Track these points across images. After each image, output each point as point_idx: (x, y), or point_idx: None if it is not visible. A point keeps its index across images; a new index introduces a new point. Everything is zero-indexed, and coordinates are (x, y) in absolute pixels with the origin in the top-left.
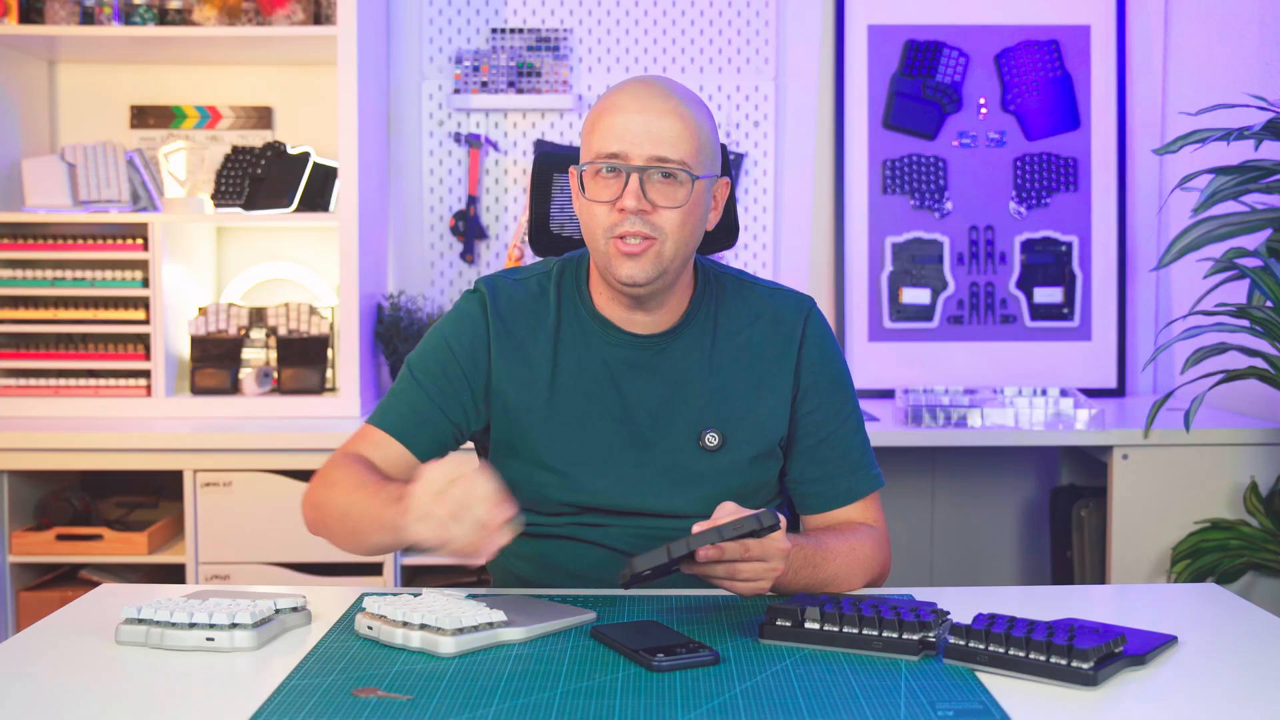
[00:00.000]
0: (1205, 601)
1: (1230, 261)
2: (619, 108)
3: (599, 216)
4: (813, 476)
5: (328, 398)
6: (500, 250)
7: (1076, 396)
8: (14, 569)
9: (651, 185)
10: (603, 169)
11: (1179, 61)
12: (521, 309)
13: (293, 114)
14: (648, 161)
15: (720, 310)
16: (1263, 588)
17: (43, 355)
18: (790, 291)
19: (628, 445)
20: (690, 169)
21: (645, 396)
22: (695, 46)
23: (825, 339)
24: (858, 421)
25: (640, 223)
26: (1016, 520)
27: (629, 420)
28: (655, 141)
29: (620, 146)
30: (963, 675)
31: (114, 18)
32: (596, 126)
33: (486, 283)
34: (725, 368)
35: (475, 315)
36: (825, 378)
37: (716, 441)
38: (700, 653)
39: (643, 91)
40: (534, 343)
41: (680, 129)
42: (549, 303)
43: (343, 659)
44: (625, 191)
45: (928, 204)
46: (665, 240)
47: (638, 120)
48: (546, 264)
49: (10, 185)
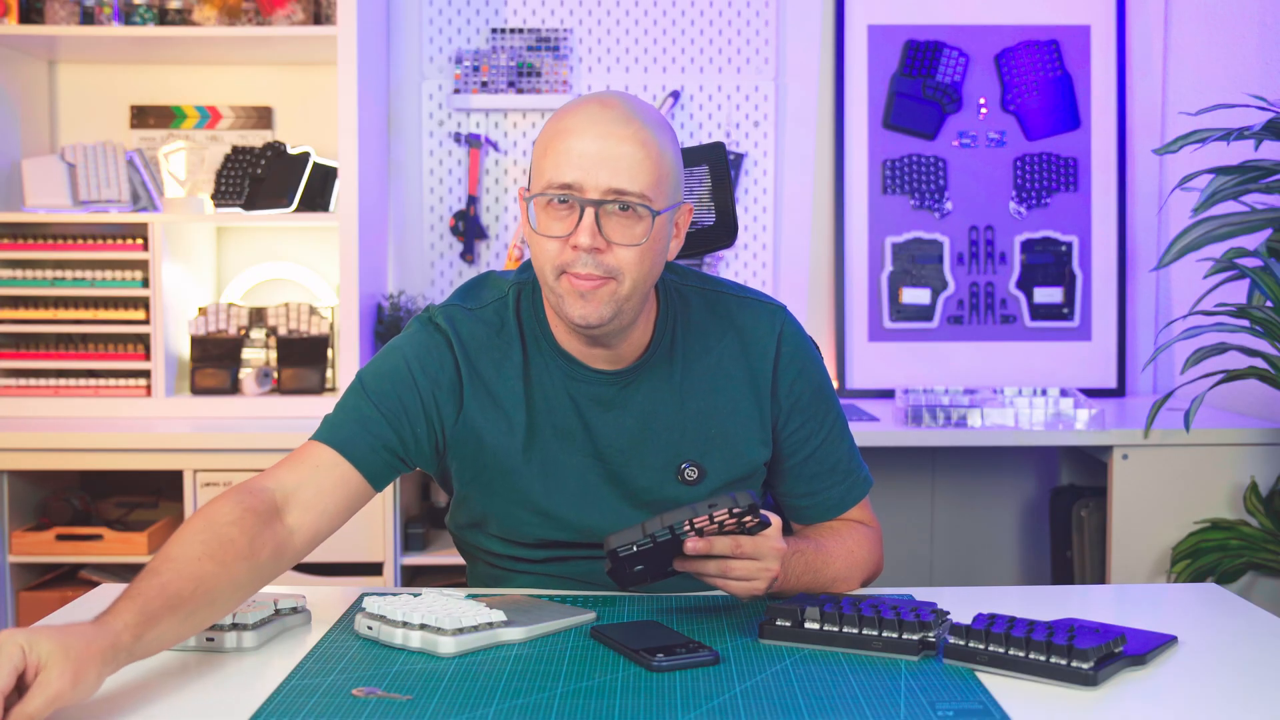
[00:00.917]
0: (1205, 601)
1: (1230, 261)
2: (574, 131)
3: (549, 252)
4: (803, 491)
5: (328, 398)
6: (500, 250)
7: (1076, 396)
8: (14, 569)
9: (608, 220)
10: (554, 199)
11: (1179, 61)
12: (484, 346)
13: (293, 114)
14: (604, 194)
15: (688, 332)
16: (1263, 588)
17: (43, 355)
18: (760, 302)
19: (605, 481)
20: (650, 203)
21: (616, 434)
22: (695, 46)
23: (800, 352)
24: (842, 427)
25: (593, 264)
26: (1016, 520)
27: (601, 457)
28: (613, 172)
29: (574, 176)
30: (963, 675)
31: (114, 18)
32: (549, 151)
33: (444, 317)
34: (697, 395)
35: (443, 353)
36: (805, 395)
37: (696, 475)
38: (700, 653)
39: (601, 115)
40: (501, 381)
41: (640, 157)
42: (511, 337)
43: (343, 659)
44: (579, 228)
45: (928, 204)
46: (623, 280)
47: (594, 147)
48: (500, 288)
49: (10, 185)
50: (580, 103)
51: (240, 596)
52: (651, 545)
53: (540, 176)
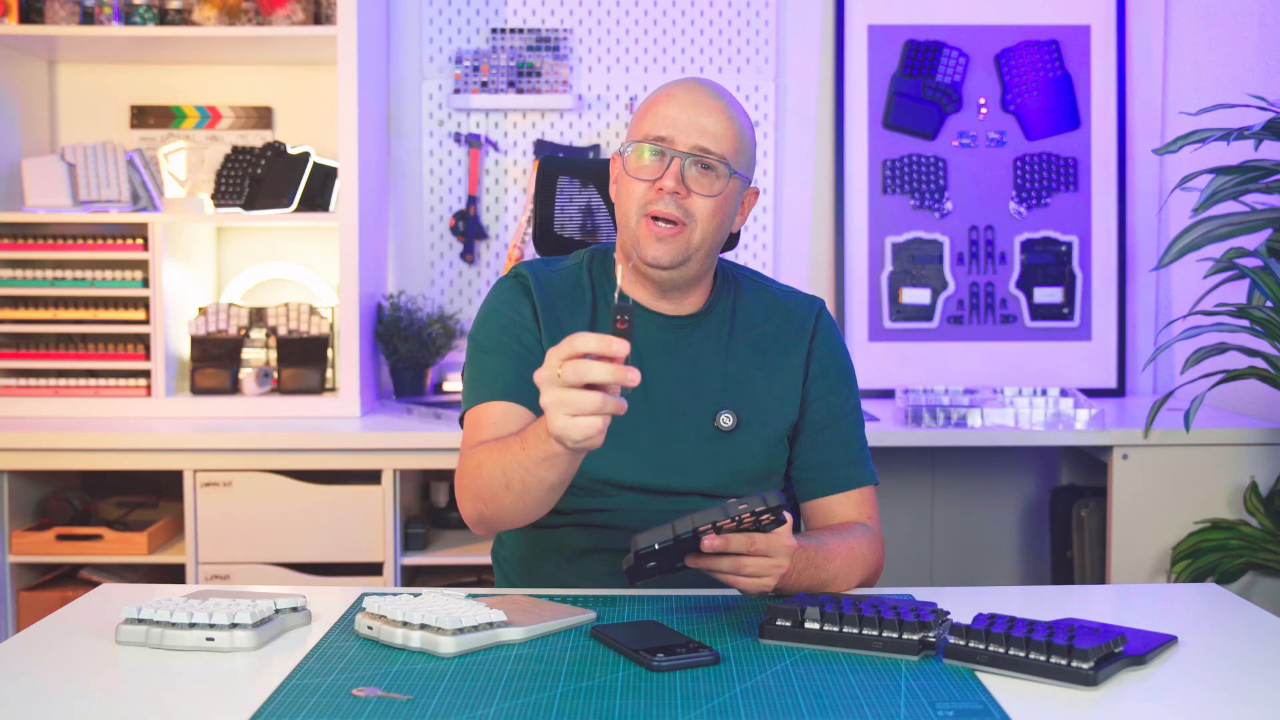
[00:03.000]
0: (1205, 601)
1: (1230, 261)
2: (671, 97)
3: (636, 193)
4: (812, 463)
5: (328, 398)
6: (500, 250)
7: (1076, 396)
8: (14, 569)
9: (690, 172)
10: (648, 150)
11: (1179, 61)
12: (560, 292)
13: (293, 114)
14: (691, 149)
15: (738, 305)
16: (1263, 588)
17: (43, 355)
18: (802, 293)
19: (647, 422)
20: (729, 163)
21: (666, 375)
22: (695, 46)
23: (834, 335)
24: (859, 419)
25: (673, 205)
26: (1016, 520)
27: (649, 399)
28: (700, 133)
29: (667, 131)
30: (963, 675)
31: (114, 18)
32: (648, 113)
33: (526, 266)
34: (741, 354)
35: (521, 293)
36: (833, 369)
37: (731, 423)
38: (700, 653)
39: (696, 87)
40: (573, 322)
41: (726, 126)
42: (584, 288)
43: (343, 659)
44: (666, 173)
45: (928, 204)
46: (694, 227)
47: (688, 111)
48: (577, 256)
49: (10, 185)
50: (679, 79)
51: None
52: (673, 542)
53: (637, 132)
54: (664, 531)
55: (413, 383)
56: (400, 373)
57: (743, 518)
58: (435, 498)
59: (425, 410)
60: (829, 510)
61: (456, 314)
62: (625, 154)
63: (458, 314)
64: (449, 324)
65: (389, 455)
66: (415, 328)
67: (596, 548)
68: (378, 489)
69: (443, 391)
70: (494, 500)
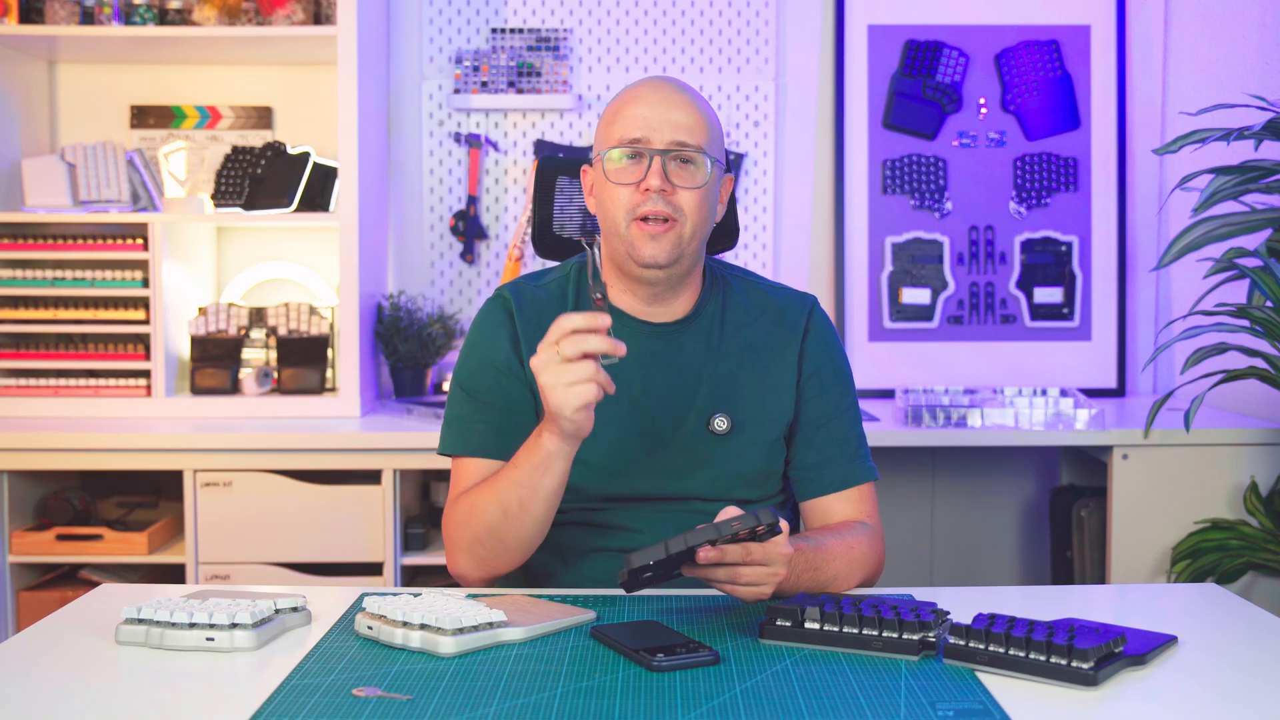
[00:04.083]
0: (1205, 601)
1: (1230, 261)
2: (638, 98)
3: (621, 199)
4: (809, 462)
5: (328, 398)
6: (500, 250)
7: (1076, 396)
8: (14, 569)
9: (671, 168)
10: (625, 154)
11: (1179, 61)
12: (546, 309)
13: (293, 114)
14: (669, 145)
15: (727, 305)
16: (1263, 588)
17: (43, 355)
18: (794, 290)
19: (640, 432)
20: (706, 152)
21: (657, 384)
22: (695, 46)
23: (827, 332)
24: (856, 415)
25: (662, 202)
26: (1016, 520)
27: (641, 408)
28: (675, 127)
29: (641, 132)
30: (963, 675)
31: (114, 18)
32: (617, 118)
33: (510, 288)
34: (732, 356)
35: (502, 321)
36: (826, 367)
37: (725, 426)
38: (700, 653)
39: (660, 84)
40: None
41: (696, 117)
42: (569, 304)
43: (343, 659)
44: (649, 173)
45: (928, 204)
46: (685, 221)
47: (658, 109)
48: (564, 268)
49: (10, 185)
50: (639, 81)
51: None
52: (665, 555)
53: (609, 138)
54: (657, 550)
55: (413, 383)
56: (400, 373)
57: (739, 534)
58: (435, 498)
59: (425, 410)
60: (827, 509)
61: (456, 314)
62: (602, 162)
63: (458, 314)
64: (449, 324)
65: (389, 455)
66: (415, 328)
67: (596, 548)
68: (378, 489)
69: (443, 391)
70: (493, 537)
